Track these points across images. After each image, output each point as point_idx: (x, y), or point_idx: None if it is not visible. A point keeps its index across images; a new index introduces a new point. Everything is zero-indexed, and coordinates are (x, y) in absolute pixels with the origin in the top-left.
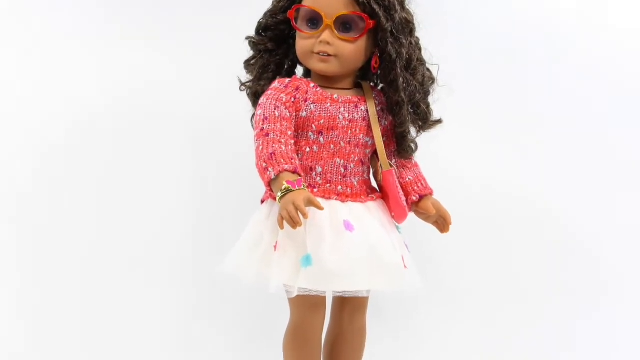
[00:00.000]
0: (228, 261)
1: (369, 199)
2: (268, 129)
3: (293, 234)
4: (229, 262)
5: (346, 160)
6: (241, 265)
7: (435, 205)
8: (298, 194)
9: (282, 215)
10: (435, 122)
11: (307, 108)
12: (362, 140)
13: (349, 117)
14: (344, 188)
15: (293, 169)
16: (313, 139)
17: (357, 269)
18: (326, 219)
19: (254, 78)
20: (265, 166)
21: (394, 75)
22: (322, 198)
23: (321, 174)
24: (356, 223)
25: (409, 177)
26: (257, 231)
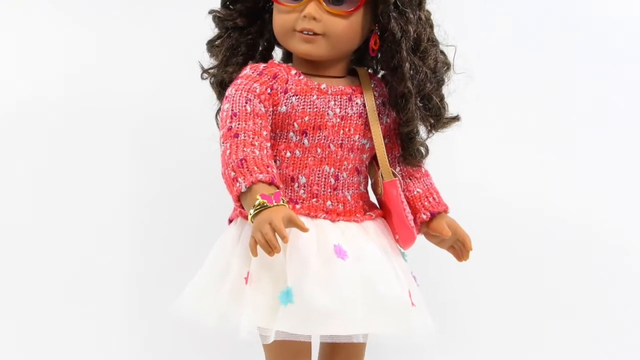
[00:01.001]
0: (184, 298)
1: (367, 218)
2: (237, 129)
3: (269, 263)
4: (186, 299)
5: (337, 168)
6: (202, 304)
7: (452, 226)
8: (276, 211)
9: (256, 239)
10: (451, 120)
11: (288, 101)
12: (358, 143)
13: (341, 113)
14: (335, 204)
15: (269, 180)
16: (295, 141)
17: (351, 306)
18: (312, 243)
19: (219, 63)
20: (234, 176)
21: (398, 59)
22: (307, 216)
23: (305, 185)
24: (350, 248)
25: (418, 190)
26: (222, 259)
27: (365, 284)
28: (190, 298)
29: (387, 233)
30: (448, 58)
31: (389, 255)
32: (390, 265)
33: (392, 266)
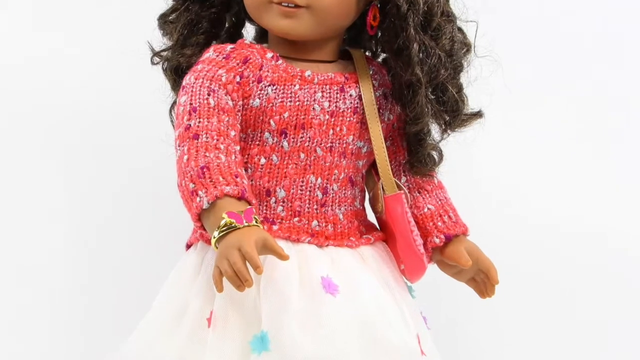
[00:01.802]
0: (130, 347)
1: (363, 242)
2: (198, 128)
3: (238, 300)
4: (132, 348)
5: (326, 178)
6: (152, 354)
7: (472, 253)
8: (247, 233)
9: (221, 269)
10: (472, 117)
11: (262, 93)
12: (352, 146)
13: (331, 108)
14: (323, 224)
15: (238, 193)
16: (272, 144)
17: (344, 357)
18: (293, 275)
19: (174, 44)
20: (193, 188)
21: (404, 38)
22: (287, 240)
23: (285, 200)
24: (342, 281)
25: (429, 207)
26: (178, 295)
27: (362, 328)
28: (137, 346)
29: (390, 261)
30: (468, 37)
31: (392, 291)
32: (394, 303)
33: (397, 304)
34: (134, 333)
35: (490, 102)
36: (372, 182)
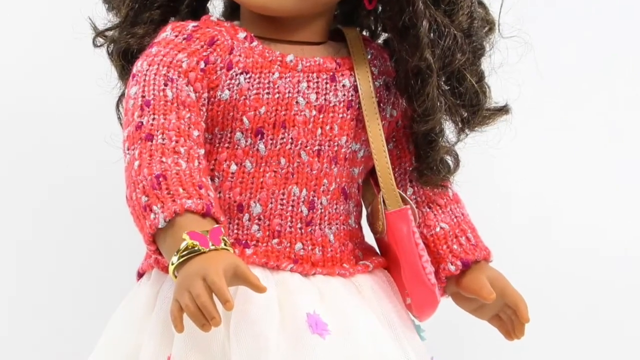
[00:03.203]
0: None
1: (360, 270)
2: (152, 127)
3: (203, 343)
4: None
5: (312, 190)
6: None
7: (497, 284)
8: (213, 259)
9: (181, 304)
10: (496, 112)
11: (233, 83)
12: (346, 149)
13: (318, 102)
14: (309, 247)
15: (203, 208)
16: (244, 147)
17: None
18: (272, 311)
19: (123, 21)
20: (145, 202)
21: (411, 14)
22: (264, 267)
23: (261, 218)
24: (333, 319)
25: (443, 226)
26: (127, 337)
27: None
28: None
29: (393, 294)
30: (490, 13)
31: (395, 330)
32: (398, 347)
33: (401, 348)
34: None
35: (518, 94)
36: (371, 194)
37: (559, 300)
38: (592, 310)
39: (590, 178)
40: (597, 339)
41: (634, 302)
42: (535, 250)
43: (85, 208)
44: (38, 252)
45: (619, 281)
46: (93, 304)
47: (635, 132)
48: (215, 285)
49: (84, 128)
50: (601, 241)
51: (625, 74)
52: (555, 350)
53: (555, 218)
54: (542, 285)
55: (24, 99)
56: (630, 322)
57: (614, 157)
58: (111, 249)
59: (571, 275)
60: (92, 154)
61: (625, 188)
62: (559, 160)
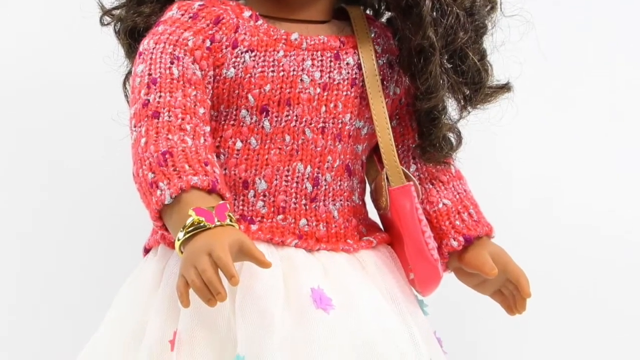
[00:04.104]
0: None
1: (363, 245)
2: (158, 104)
3: (209, 318)
4: None
5: (316, 166)
6: None
7: (499, 259)
8: (219, 235)
9: (187, 280)
10: (498, 90)
11: (238, 61)
12: (350, 127)
13: (323, 80)
14: (313, 223)
15: (208, 185)
16: (250, 124)
17: None
18: (277, 286)
19: (129, 0)
20: (152, 179)
21: None
22: (269, 243)
23: (266, 194)
24: (337, 294)
25: (445, 202)
26: (133, 313)
27: (361, 352)
28: None
29: (396, 270)
30: None
31: (398, 306)
32: (402, 322)
33: (405, 322)
34: (80, 355)
35: (520, 72)
36: (375, 171)
37: (559, 277)
38: (591, 287)
39: (591, 155)
40: (596, 314)
41: (633, 279)
42: (536, 226)
43: (93, 185)
44: (45, 227)
45: (619, 259)
46: (100, 280)
47: (636, 111)
48: (220, 260)
49: (91, 105)
50: (601, 218)
51: (627, 53)
52: (555, 326)
53: (556, 194)
54: (542, 261)
55: (33, 77)
56: (629, 298)
57: (614, 134)
58: (118, 225)
59: (572, 251)
60: (100, 131)
61: (626, 167)
62: (560, 137)
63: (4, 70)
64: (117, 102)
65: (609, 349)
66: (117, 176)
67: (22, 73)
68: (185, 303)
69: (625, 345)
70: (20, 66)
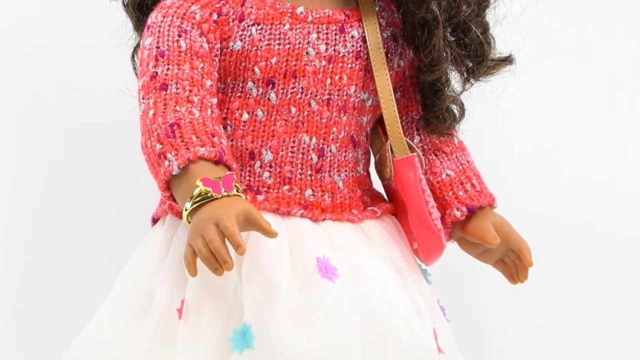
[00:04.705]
0: (83, 344)
1: (368, 215)
2: (166, 77)
3: (216, 287)
4: (86, 346)
5: (322, 138)
6: (110, 352)
7: (501, 229)
8: (226, 205)
9: (195, 249)
10: (500, 63)
11: (245, 34)
12: (355, 99)
13: (328, 53)
14: (318, 194)
15: (215, 156)
16: (256, 96)
17: (343, 356)
18: (283, 255)
19: None
20: (160, 150)
21: None
22: (275, 213)
23: (272, 165)
24: (342, 264)
25: (448, 172)
26: (142, 281)
27: (365, 320)
28: (92, 343)
29: (400, 239)
30: None
31: (402, 275)
32: (406, 290)
33: (409, 291)
34: (85, 330)
35: (522, 45)
36: (379, 142)
37: (560, 246)
38: (592, 256)
39: (592, 127)
40: (596, 283)
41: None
42: (537, 196)
43: (102, 155)
44: (54, 198)
45: (619, 229)
46: (109, 250)
47: (636, 84)
48: (227, 230)
49: (101, 78)
50: (601, 189)
51: (628, 26)
52: (556, 294)
53: (557, 165)
54: (544, 231)
55: (42, 50)
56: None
57: (615, 106)
58: (126, 196)
59: (572, 221)
60: (109, 102)
61: (626, 138)
62: (561, 109)
63: (13, 43)
64: (126, 74)
65: (608, 316)
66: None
67: (31, 46)
68: (192, 272)
69: (623, 313)
70: (29, 40)
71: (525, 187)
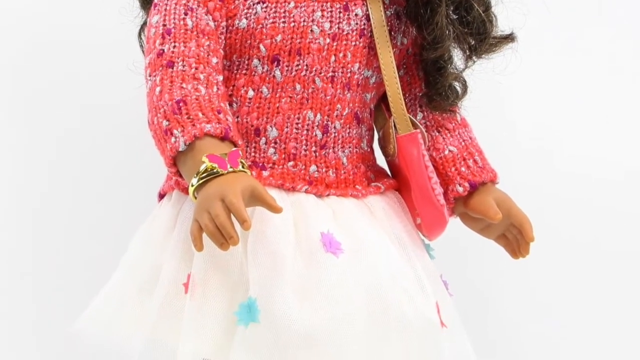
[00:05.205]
0: (90, 318)
1: (372, 191)
2: (173, 54)
3: (222, 262)
4: (93, 319)
5: (326, 114)
6: (117, 326)
7: (503, 204)
8: (231, 181)
9: (201, 224)
10: (502, 41)
11: (250, 12)
12: (359, 76)
13: (332, 30)
14: (323, 169)
15: (221, 132)
16: (261, 74)
17: (347, 329)
18: (287, 231)
19: None
20: (166, 126)
21: None
22: (280, 188)
23: (277, 141)
24: (346, 238)
25: (451, 149)
26: (148, 256)
27: (369, 295)
28: (99, 317)
29: (404, 215)
30: None
31: (406, 250)
32: (409, 265)
33: (412, 266)
34: (92, 304)
35: (524, 23)
36: (383, 119)
37: (561, 221)
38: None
39: (592, 103)
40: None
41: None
42: (539, 172)
43: (109, 132)
44: (62, 175)
45: (619, 204)
46: (116, 225)
47: (636, 62)
48: (233, 205)
49: (108, 55)
50: (601, 165)
51: (630, 3)
52: (557, 268)
53: (558, 141)
54: (545, 206)
55: (50, 28)
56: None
57: (615, 84)
58: (133, 172)
59: (573, 196)
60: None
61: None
62: (562, 86)
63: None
64: (133, 52)
65: (608, 290)
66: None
67: (39, 25)
68: (199, 247)
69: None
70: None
71: (527, 162)
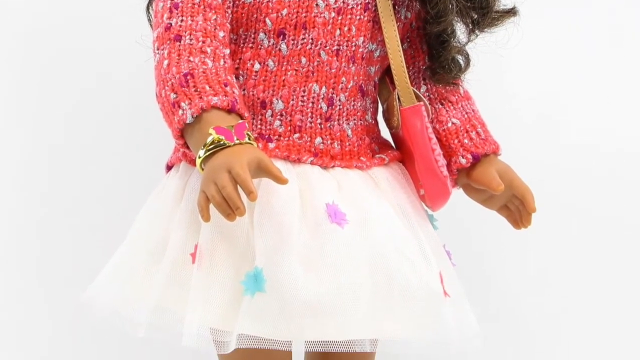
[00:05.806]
0: (99, 286)
1: (376, 163)
2: (180, 28)
3: (228, 232)
4: (102, 288)
5: (331, 87)
6: (126, 294)
7: (505, 176)
8: (238, 152)
9: (208, 195)
10: (504, 14)
11: None
12: (363, 49)
13: (337, 4)
14: (328, 141)
15: (228, 105)
16: (267, 47)
17: (352, 298)
18: (293, 202)
19: None
20: (174, 99)
21: None
22: (286, 160)
23: (283, 114)
24: (351, 209)
25: (454, 121)
26: (156, 227)
27: (374, 265)
28: (108, 287)
29: (408, 186)
30: None
31: (409, 220)
32: (412, 235)
33: (415, 236)
34: (102, 273)
35: None
36: (387, 91)
37: (562, 192)
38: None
39: (594, 76)
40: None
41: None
42: (540, 144)
43: (117, 104)
44: (72, 148)
45: (621, 175)
46: (124, 196)
47: (635, 34)
48: (239, 177)
49: (116, 29)
50: (602, 136)
51: None
52: (559, 239)
53: (559, 113)
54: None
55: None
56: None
57: (616, 56)
58: (141, 143)
59: (574, 167)
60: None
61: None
62: (564, 59)
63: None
64: (141, 26)
65: (610, 261)
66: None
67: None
68: (206, 217)
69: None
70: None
71: (528, 134)
